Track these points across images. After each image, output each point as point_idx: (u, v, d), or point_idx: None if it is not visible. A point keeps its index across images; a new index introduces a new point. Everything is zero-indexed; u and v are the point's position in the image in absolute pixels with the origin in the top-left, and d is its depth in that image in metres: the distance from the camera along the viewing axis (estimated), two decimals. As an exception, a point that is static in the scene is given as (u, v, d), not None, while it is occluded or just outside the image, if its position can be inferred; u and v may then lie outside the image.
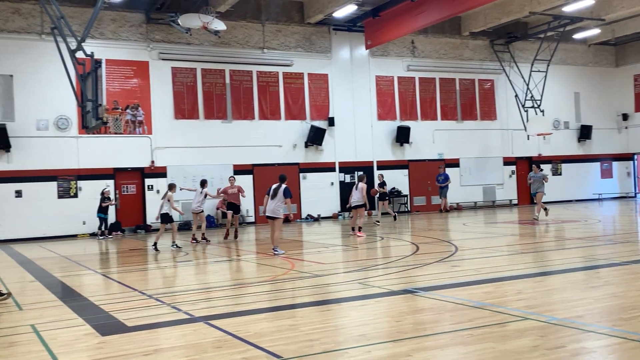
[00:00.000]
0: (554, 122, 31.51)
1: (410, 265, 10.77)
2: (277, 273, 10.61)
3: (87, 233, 22.18)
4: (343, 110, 26.84)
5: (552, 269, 9.81)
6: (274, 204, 13.42)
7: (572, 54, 32.41)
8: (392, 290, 8.39)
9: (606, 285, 8.22)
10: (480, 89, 30.12)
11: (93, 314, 7.74)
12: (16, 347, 6.35)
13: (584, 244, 13.00)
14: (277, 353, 5.46)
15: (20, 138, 21.44)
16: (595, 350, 5.25)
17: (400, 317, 6.83)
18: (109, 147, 22.72)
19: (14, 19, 21.58)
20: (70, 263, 14.06)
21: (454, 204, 28.92)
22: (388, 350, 5.49)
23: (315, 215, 25.96)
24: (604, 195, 32.38)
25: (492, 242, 14.62)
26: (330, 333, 6.22)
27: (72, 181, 22.18)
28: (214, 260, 13.63)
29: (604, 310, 6.71)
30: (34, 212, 21.54)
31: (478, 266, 10.39)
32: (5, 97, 21.42)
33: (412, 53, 28.55)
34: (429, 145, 28.67)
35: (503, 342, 5.50)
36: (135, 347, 6.02)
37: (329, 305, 7.75)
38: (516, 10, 26.04)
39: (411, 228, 20.16)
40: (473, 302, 7.26)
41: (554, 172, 31.78)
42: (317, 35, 26.56)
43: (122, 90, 23.04)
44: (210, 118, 24.42)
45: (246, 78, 25.13)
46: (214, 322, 6.85)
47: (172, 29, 23.45)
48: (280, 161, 25.42)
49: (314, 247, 15.39)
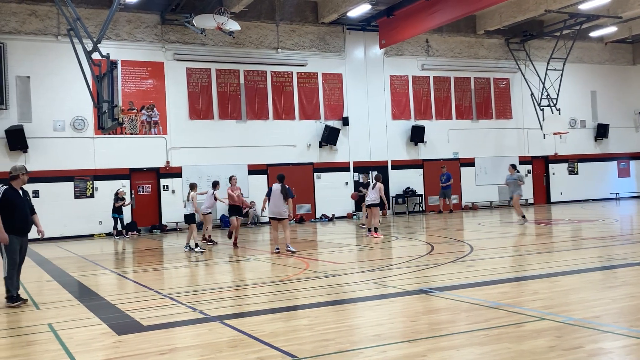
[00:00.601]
0: (570, 121, 31.26)
1: (425, 265, 10.74)
2: (292, 273, 10.62)
3: (103, 233, 22.34)
4: (357, 109, 26.82)
5: (568, 269, 9.72)
6: (279, 204, 13.48)
7: (589, 52, 32.13)
8: (407, 290, 8.36)
9: (624, 285, 8.14)
10: (495, 88, 29.95)
11: (109, 313, 7.79)
12: (34, 346, 6.41)
13: (601, 244, 12.88)
14: (292, 353, 5.46)
15: (38, 139, 21.64)
16: (612, 351, 5.20)
17: (415, 317, 6.81)
18: (124, 148, 22.87)
19: (31, 21, 21.78)
20: (87, 263, 14.17)
21: (469, 204, 28.80)
22: (403, 351, 5.47)
23: (330, 215, 25.95)
24: (621, 194, 32.06)
25: (508, 242, 14.53)
26: (345, 333, 6.21)
27: (88, 181, 22.35)
28: (228, 260, 13.66)
29: (621, 311, 6.64)
30: (51, 212, 21.68)
31: (494, 266, 10.33)
32: (23, 98, 21.63)
33: (426, 52, 28.45)
34: (443, 145, 28.56)
35: (519, 343, 5.46)
36: (150, 346, 6.06)
37: (344, 305, 7.74)
38: (532, 8, 25.87)
39: (426, 228, 20.09)
40: (489, 302, 7.22)
41: (570, 171, 31.54)
42: (331, 35, 26.55)
43: (138, 91, 23.19)
44: (224, 118, 24.50)
45: (260, 78, 25.17)
46: (229, 321, 6.87)
47: (186, 29, 23.57)
48: (294, 161, 25.45)
49: (328, 247, 15.39)
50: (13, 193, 8.69)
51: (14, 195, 8.68)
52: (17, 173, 8.82)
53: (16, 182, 8.78)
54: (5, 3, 21.42)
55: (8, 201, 8.56)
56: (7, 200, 8.56)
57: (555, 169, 31.27)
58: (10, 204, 8.55)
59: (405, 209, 27.65)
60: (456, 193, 28.73)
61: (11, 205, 8.56)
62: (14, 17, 21.56)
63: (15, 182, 8.77)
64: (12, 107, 21.44)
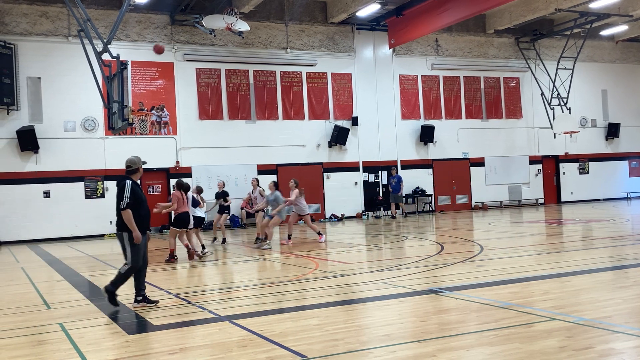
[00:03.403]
0: (581, 120, 31.10)
1: (435, 265, 10.71)
2: (302, 273, 10.63)
3: (114, 233, 22.42)
4: (367, 109, 26.80)
5: (579, 269, 9.67)
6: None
7: (599, 51, 31.95)
8: (416, 290, 8.35)
9: (635, 285, 8.08)
10: (505, 87, 29.84)
11: (120, 312, 7.83)
12: (45, 345, 6.45)
13: (612, 244, 12.81)
14: (301, 352, 5.47)
15: (48, 139, 21.77)
16: (624, 351, 5.17)
17: (425, 317, 6.80)
18: (134, 148, 22.90)
19: (41, 22, 21.91)
20: (97, 262, 14.24)
21: (479, 203, 28.71)
22: (413, 351, 5.46)
23: (339, 214, 25.95)
24: (633, 194, 31.85)
25: (518, 241, 14.47)
26: (355, 333, 6.20)
27: (99, 181, 22.46)
28: (238, 259, 13.68)
29: (633, 311, 6.60)
30: (62, 212, 21.86)
31: (504, 266, 10.29)
32: (34, 99, 21.77)
33: (436, 51, 28.39)
34: (453, 144, 28.49)
35: (530, 343, 5.44)
36: (161, 345, 6.08)
37: (353, 305, 7.74)
38: (542, 7, 25.75)
39: (435, 227, 20.04)
40: (499, 303, 7.19)
41: (581, 170, 31.36)
42: (341, 35, 26.55)
43: (148, 91, 23.28)
44: (234, 118, 24.55)
45: (270, 78, 25.21)
46: (239, 321, 6.88)
47: (196, 30, 23.64)
48: (304, 161, 25.46)
49: (338, 246, 15.38)
50: (138, 187, 8.09)
51: (140, 190, 8.08)
52: (137, 166, 8.22)
53: (136, 176, 8.17)
54: (16, 4, 21.56)
55: (137, 196, 7.94)
56: (136, 195, 7.94)
57: (566, 168, 31.12)
58: (138, 199, 7.95)
59: (415, 209, 27.60)
60: (466, 193, 28.66)
61: (139, 200, 7.96)
62: (24, 19, 21.70)
63: (135, 175, 8.17)
64: (23, 107, 21.58)
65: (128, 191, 7.89)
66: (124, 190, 7.91)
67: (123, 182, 8.00)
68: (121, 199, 7.89)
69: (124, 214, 7.85)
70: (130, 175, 8.15)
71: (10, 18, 21.55)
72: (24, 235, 21.37)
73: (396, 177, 25.51)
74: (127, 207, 7.84)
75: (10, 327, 7.25)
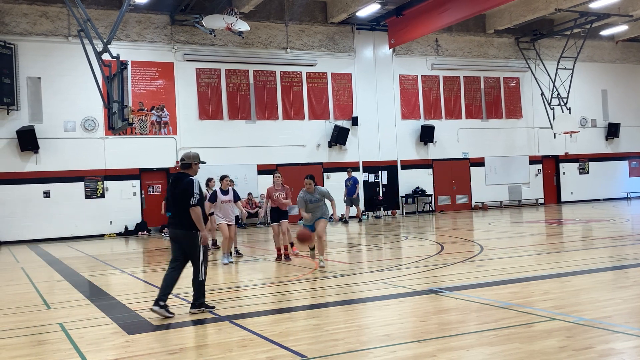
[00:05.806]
0: (581, 120, 31.11)
1: (435, 265, 10.71)
2: (302, 273, 10.62)
3: (113, 233, 22.44)
4: (367, 109, 26.80)
5: (579, 269, 9.67)
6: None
7: (599, 51, 31.96)
8: (416, 290, 8.35)
9: (635, 285, 8.08)
10: (505, 87, 29.85)
11: (120, 312, 7.82)
12: (45, 345, 6.45)
13: (612, 244, 12.81)
14: (301, 352, 5.46)
15: (48, 139, 21.77)
16: (624, 351, 5.17)
17: (425, 317, 6.79)
18: (134, 148, 22.96)
19: (41, 22, 21.91)
20: (97, 262, 14.24)
21: (479, 203, 28.71)
22: (413, 351, 5.46)
23: (339, 215, 25.91)
24: (633, 194, 31.86)
25: (518, 241, 14.46)
26: (355, 333, 6.20)
27: (99, 181, 22.46)
28: (238, 260, 13.67)
29: (633, 311, 6.60)
30: (62, 212, 21.87)
31: (504, 266, 10.29)
32: (34, 99, 21.77)
33: (436, 51, 28.39)
34: (453, 144, 28.49)
35: (530, 343, 5.44)
36: (161, 345, 6.08)
37: (353, 305, 7.73)
38: (542, 7, 25.76)
39: (435, 227, 20.04)
40: (499, 303, 7.19)
41: (581, 170, 31.37)
42: (341, 35, 26.55)
43: (148, 91, 23.28)
44: (234, 118, 24.55)
45: (270, 78, 25.21)
46: (239, 321, 6.89)
47: (196, 30, 23.64)
48: (304, 161, 25.46)
49: (337, 246, 15.38)
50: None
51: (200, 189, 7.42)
52: (191, 162, 7.54)
53: (190, 172, 7.53)
54: (16, 4, 21.57)
55: (201, 195, 7.31)
56: (201, 194, 7.31)
57: (566, 168, 31.12)
58: (201, 199, 7.34)
59: (415, 209, 27.60)
60: (466, 193, 28.67)
61: (201, 199, 7.36)
62: (24, 19, 21.70)
63: (189, 171, 7.53)
64: (23, 107, 21.58)
65: (197, 187, 7.29)
66: (191, 187, 7.26)
67: (189, 179, 7.37)
68: (190, 195, 7.21)
69: (194, 211, 7.21)
70: (185, 170, 7.55)
71: (10, 18, 21.55)
72: (24, 235, 21.38)
73: (352, 179, 24.38)
74: (198, 204, 7.25)
75: (10, 327, 7.25)
